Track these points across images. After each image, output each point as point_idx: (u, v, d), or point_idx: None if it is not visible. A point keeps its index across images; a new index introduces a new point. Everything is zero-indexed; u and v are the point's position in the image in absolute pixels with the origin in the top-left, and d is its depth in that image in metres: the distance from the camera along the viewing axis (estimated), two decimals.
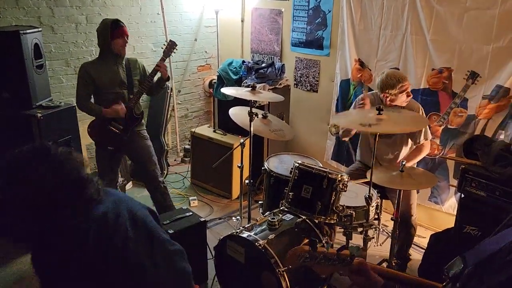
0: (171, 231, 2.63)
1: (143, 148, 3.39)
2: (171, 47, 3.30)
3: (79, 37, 3.97)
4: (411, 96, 2.95)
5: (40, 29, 3.30)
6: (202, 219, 2.83)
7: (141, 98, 3.31)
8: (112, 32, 3.08)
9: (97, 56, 3.26)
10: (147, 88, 3.28)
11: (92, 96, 3.26)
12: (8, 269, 3.04)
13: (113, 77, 3.20)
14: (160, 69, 3.23)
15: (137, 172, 4.39)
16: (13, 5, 3.51)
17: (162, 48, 3.32)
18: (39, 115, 3.13)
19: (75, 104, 3.30)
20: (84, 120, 4.06)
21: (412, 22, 3.39)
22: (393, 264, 2.78)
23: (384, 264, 2.91)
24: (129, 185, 4.28)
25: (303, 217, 2.49)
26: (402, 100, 2.89)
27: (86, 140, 4.15)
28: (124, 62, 3.26)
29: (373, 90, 3.42)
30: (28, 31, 3.11)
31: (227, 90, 3.10)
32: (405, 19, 3.42)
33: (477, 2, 3.02)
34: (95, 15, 4.02)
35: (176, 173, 4.65)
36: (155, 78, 3.31)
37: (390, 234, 3.24)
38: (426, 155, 3.38)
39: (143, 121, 3.46)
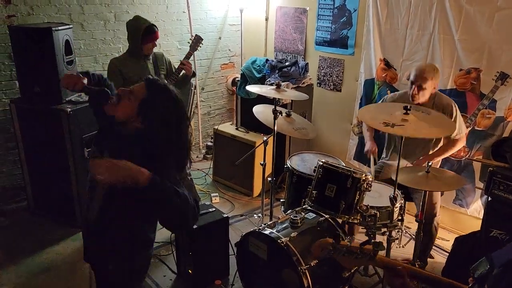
0: (195, 226, 2.67)
1: None
2: (197, 41, 3.36)
3: (107, 34, 4.06)
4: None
5: (70, 26, 3.38)
6: (225, 215, 2.86)
7: None
8: (144, 37, 3.15)
9: (125, 51, 3.34)
10: (174, 84, 3.33)
11: None
12: (37, 259, 3.13)
13: (142, 73, 3.26)
14: (184, 67, 3.29)
15: None
16: (45, 2, 3.61)
17: (188, 42, 3.38)
18: (68, 110, 3.21)
19: None
20: None
21: (440, 21, 3.33)
22: (417, 265, 2.74)
23: None
24: None
25: (326, 216, 2.49)
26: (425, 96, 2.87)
27: None
28: (151, 57, 3.33)
29: (399, 91, 3.39)
30: (59, 28, 3.20)
31: (252, 88, 3.12)
32: (433, 19, 3.37)
33: (509, 2, 2.95)
34: (123, 13, 4.09)
35: (198, 169, 4.69)
36: (181, 74, 3.37)
37: (412, 236, 3.21)
38: (452, 156, 3.33)
39: None
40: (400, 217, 2.70)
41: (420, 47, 3.51)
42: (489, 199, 2.66)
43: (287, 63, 4.34)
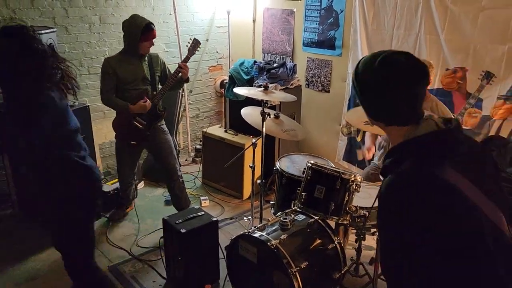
0: (183, 230, 2.64)
1: (164, 142, 3.47)
2: (195, 45, 3.36)
3: (93, 37, 4.01)
4: None
5: (54, 29, 3.34)
6: (214, 219, 2.83)
7: None
8: (142, 36, 3.13)
9: (120, 51, 3.31)
10: (170, 87, 3.34)
11: (115, 94, 3.32)
12: (22, 267, 3.07)
13: (136, 73, 3.26)
14: (182, 70, 3.29)
15: (149, 172, 4.43)
16: (28, 6, 3.56)
17: (186, 46, 3.38)
18: None
19: (101, 99, 3.36)
20: (97, 120, 4.11)
21: (426, 21, 3.36)
22: None
23: None
24: (141, 185, 4.30)
25: (316, 217, 2.48)
26: None
27: (99, 140, 4.20)
28: (146, 58, 3.31)
29: None
30: (43, 31, 3.14)
31: (240, 90, 3.11)
32: (419, 19, 3.40)
33: (493, 2, 2.98)
34: (108, 16, 4.05)
35: (187, 173, 4.66)
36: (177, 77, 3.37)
37: None
38: None
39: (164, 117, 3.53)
40: None
41: (407, 47, 3.53)
42: None
43: (275, 65, 4.34)
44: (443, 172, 1.08)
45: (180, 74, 3.31)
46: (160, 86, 3.41)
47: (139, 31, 3.10)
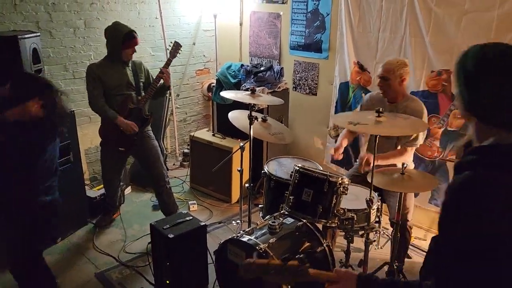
0: (171, 236, 2.62)
1: (151, 148, 3.46)
2: (176, 47, 3.36)
3: (77, 41, 3.96)
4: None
5: (38, 34, 3.28)
6: (202, 223, 2.82)
7: None
8: (124, 43, 3.14)
9: (104, 57, 3.31)
10: (153, 92, 3.34)
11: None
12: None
13: (121, 79, 3.26)
14: (163, 76, 3.28)
15: (136, 177, 4.38)
16: (11, 10, 3.50)
17: (167, 49, 3.37)
18: None
19: (89, 105, 3.35)
20: (82, 125, 4.06)
21: (411, 24, 3.39)
22: (395, 267, 2.76)
23: (386, 267, 2.89)
24: (128, 190, 4.26)
25: (304, 221, 2.47)
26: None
27: (84, 145, 4.15)
28: (130, 64, 3.32)
29: (371, 92, 3.43)
30: (26, 36, 3.10)
31: (227, 94, 3.10)
32: (404, 21, 3.43)
33: (475, 4, 3.02)
34: (93, 20, 4.01)
35: (175, 177, 4.63)
36: (159, 84, 3.37)
37: (390, 237, 3.24)
38: (426, 156, 3.39)
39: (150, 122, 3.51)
40: (377, 219, 2.71)
41: (392, 49, 3.56)
42: None
43: (262, 68, 4.34)
44: None
45: (161, 81, 3.30)
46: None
47: (120, 39, 3.12)
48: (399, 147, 2.92)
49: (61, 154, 3.30)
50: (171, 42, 3.38)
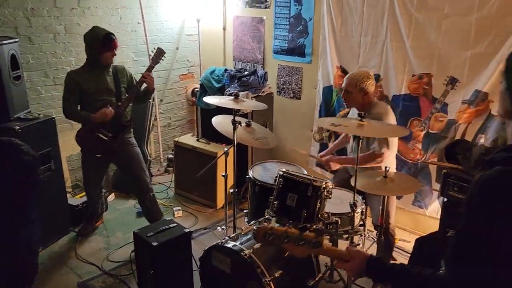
0: (155, 243, 2.59)
1: (133, 155, 3.40)
2: (159, 54, 3.30)
3: (58, 47, 3.90)
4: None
5: (17, 39, 3.22)
6: (187, 230, 2.79)
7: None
8: (102, 46, 3.09)
9: (83, 64, 3.26)
10: (134, 97, 3.29)
11: (80, 105, 3.25)
12: None
13: (100, 85, 3.21)
14: (146, 80, 3.21)
15: (119, 184, 4.33)
16: None
17: (149, 55, 3.32)
18: (16, 127, 3.04)
19: (63, 113, 3.27)
20: (64, 132, 3.99)
21: (392, 29, 3.43)
22: None
23: None
24: (111, 197, 4.20)
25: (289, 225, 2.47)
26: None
27: (66, 152, 4.08)
28: (111, 70, 3.27)
29: None
30: (4, 41, 3.04)
31: (210, 99, 3.08)
32: (385, 26, 3.47)
33: (454, 9, 3.08)
34: (73, 25, 3.96)
35: (159, 183, 4.58)
36: (142, 87, 3.30)
37: (375, 240, 3.26)
38: (409, 159, 3.43)
39: (131, 128, 3.45)
40: (362, 222, 2.73)
41: (374, 54, 3.60)
42: (445, 200, 2.74)
43: (246, 73, 4.34)
44: None
45: (144, 84, 3.24)
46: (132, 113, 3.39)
47: (98, 42, 3.08)
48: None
49: (42, 162, 3.25)
50: (154, 48, 3.35)
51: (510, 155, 1.12)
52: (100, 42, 3.09)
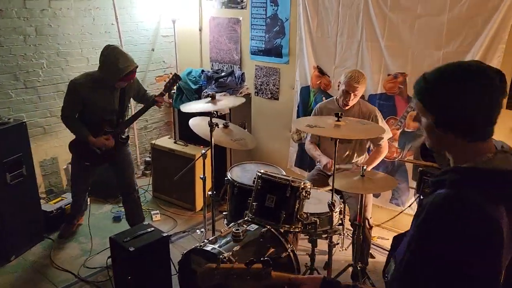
0: (132, 249, 2.54)
1: (129, 161, 3.42)
2: (174, 81, 3.33)
3: (28, 49, 3.79)
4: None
5: None
6: (165, 234, 2.74)
7: None
8: (122, 78, 2.99)
9: (93, 77, 3.08)
10: (138, 117, 3.36)
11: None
12: None
13: (106, 106, 3.15)
14: (158, 104, 3.31)
15: (95, 188, 4.23)
16: None
17: (165, 81, 3.29)
18: None
19: (60, 118, 3.19)
20: (36, 136, 3.89)
21: (367, 29, 3.47)
22: (358, 268, 2.80)
23: (350, 269, 2.93)
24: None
25: (268, 227, 2.46)
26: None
27: (39, 157, 3.97)
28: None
29: (332, 97, 3.47)
30: None
31: (186, 107, 2.97)
32: (360, 27, 3.50)
33: (426, 9, 3.13)
34: (44, 27, 3.85)
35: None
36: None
37: (353, 238, 3.29)
38: (386, 158, 3.46)
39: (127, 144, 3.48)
40: (340, 222, 2.74)
41: (350, 54, 3.62)
42: (421, 197, 2.78)
43: (223, 74, 4.31)
44: (496, 213, 1.06)
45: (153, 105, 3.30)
46: (131, 113, 3.40)
47: (119, 76, 2.96)
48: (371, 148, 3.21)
49: (13, 168, 3.15)
50: (170, 73, 3.33)
51: (459, 177, 1.11)
52: (121, 75, 2.95)
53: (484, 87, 1.10)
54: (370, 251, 3.19)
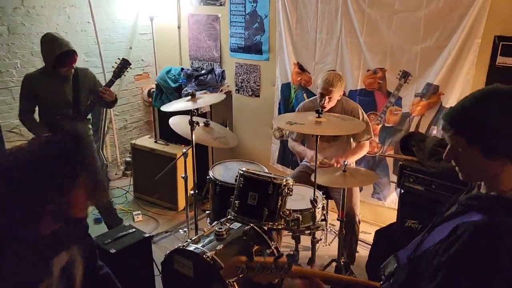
0: (113, 251, 2.49)
1: None
2: (123, 66, 3.08)
3: (1, 49, 3.67)
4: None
5: None
6: (147, 235, 2.71)
7: None
8: (58, 63, 2.89)
9: (42, 69, 3.02)
10: (88, 113, 3.19)
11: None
12: None
13: (58, 97, 3.02)
14: (104, 96, 3.03)
15: None
16: None
17: (113, 67, 3.11)
18: None
19: (19, 119, 3.09)
20: (12, 139, 3.78)
21: (346, 25, 3.48)
22: (342, 263, 2.81)
23: (333, 264, 2.94)
24: None
25: (251, 224, 2.45)
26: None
27: None
28: (71, 77, 3.05)
29: (314, 94, 3.49)
30: None
31: (166, 108, 2.93)
32: (339, 23, 3.51)
33: (404, 5, 3.16)
34: (18, 25, 3.74)
35: (117, 187, 4.44)
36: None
37: (337, 233, 3.31)
38: (367, 153, 3.49)
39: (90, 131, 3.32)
40: (323, 217, 2.75)
41: (330, 50, 3.64)
42: (402, 191, 2.82)
43: (203, 71, 4.27)
44: None
45: (101, 99, 3.07)
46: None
47: (52, 58, 2.86)
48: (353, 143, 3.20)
49: None
50: (118, 59, 3.10)
51: (493, 205, 1.10)
52: (55, 60, 2.86)
53: None
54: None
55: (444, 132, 1.20)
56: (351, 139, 3.21)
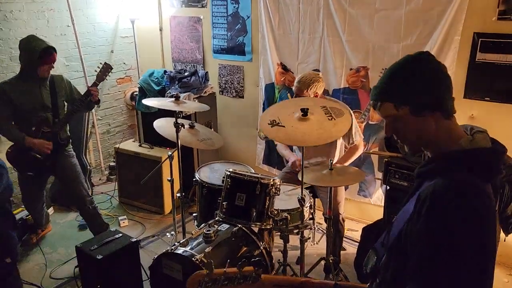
0: (100, 257, 2.45)
1: (69, 167, 3.22)
2: (106, 70, 3.16)
3: None
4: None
5: None
6: (133, 240, 2.67)
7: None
8: (40, 60, 2.87)
9: (17, 75, 3.03)
10: (75, 113, 3.15)
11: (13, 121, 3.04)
12: None
13: (36, 101, 3.00)
14: (93, 96, 3.10)
15: (58, 197, 4.07)
16: None
17: (96, 71, 3.17)
18: None
19: None
20: None
21: (328, 25, 3.51)
22: (330, 261, 2.83)
23: (322, 262, 2.96)
24: (50, 211, 3.94)
25: (239, 225, 2.44)
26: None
27: None
28: (48, 82, 3.05)
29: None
30: None
31: (149, 101, 2.97)
32: (321, 22, 3.54)
33: (384, 4, 3.20)
34: None
35: (102, 193, 4.38)
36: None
37: (325, 232, 3.32)
38: None
39: (69, 145, 3.28)
40: (311, 216, 2.76)
41: (313, 50, 3.66)
42: (387, 187, 2.85)
43: (186, 73, 4.25)
44: (489, 191, 1.08)
45: (89, 98, 3.10)
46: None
47: (36, 54, 2.85)
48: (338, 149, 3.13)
49: None
50: (100, 63, 3.17)
51: (446, 164, 1.12)
52: (38, 56, 2.86)
53: (438, 64, 1.18)
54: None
55: (374, 110, 1.26)
56: (337, 141, 3.19)
